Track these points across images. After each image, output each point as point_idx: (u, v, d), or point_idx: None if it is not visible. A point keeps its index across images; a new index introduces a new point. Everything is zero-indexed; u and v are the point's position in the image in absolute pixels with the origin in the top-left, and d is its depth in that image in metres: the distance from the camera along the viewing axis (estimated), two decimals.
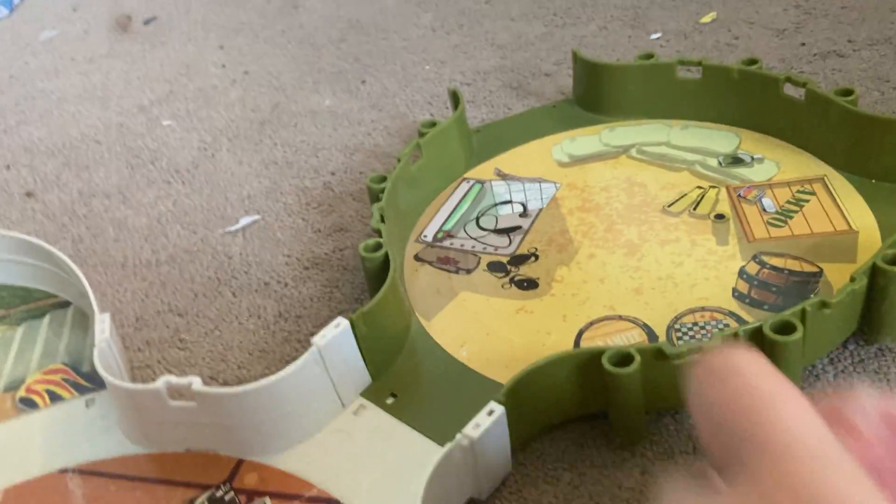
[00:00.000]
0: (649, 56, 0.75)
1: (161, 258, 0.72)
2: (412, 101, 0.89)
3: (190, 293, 0.67)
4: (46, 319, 0.66)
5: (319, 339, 0.51)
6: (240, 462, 0.51)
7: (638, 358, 0.45)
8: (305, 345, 0.59)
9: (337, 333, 0.51)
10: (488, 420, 0.44)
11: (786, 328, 0.45)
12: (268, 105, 0.93)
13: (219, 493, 0.49)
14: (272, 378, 0.50)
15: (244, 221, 0.75)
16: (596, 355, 0.46)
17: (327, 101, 0.92)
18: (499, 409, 0.44)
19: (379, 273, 0.57)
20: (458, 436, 0.43)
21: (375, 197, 0.64)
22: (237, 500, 0.49)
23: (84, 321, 0.65)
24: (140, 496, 0.50)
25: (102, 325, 0.56)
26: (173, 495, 0.50)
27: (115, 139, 0.91)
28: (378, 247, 0.58)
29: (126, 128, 0.93)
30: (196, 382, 0.50)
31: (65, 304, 0.67)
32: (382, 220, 0.61)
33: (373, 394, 0.54)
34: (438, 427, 0.50)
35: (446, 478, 0.43)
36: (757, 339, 0.46)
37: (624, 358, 0.45)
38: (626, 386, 0.45)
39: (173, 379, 0.50)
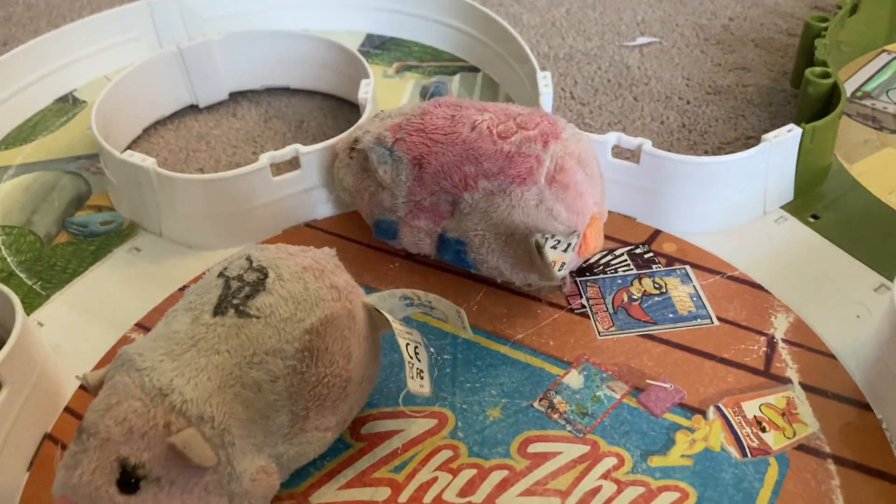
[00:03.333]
0: None
1: (559, 54, 0.75)
2: None
3: (590, 88, 0.69)
4: (457, 77, 0.70)
5: (772, 136, 0.51)
6: (657, 231, 0.53)
7: None
8: (715, 154, 0.60)
9: (788, 137, 0.52)
10: None
11: None
12: None
13: (638, 251, 0.52)
14: (721, 157, 0.51)
15: (641, 40, 0.76)
16: None
17: None
18: None
19: (819, 101, 0.56)
20: None
21: (816, 34, 0.62)
22: (657, 260, 0.51)
23: (493, 86, 0.68)
24: None
25: (545, 80, 0.59)
26: None
27: None
28: (825, 75, 0.57)
29: None
30: (647, 144, 0.51)
31: (473, 69, 0.71)
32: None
33: (793, 209, 0.54)
34: (865, 251, 0.50)
35: None
36: None
37: None
38: None
39: (623, 136, 0.52)
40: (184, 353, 0.35)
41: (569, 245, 0.42)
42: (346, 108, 0.67)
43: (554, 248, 0.42)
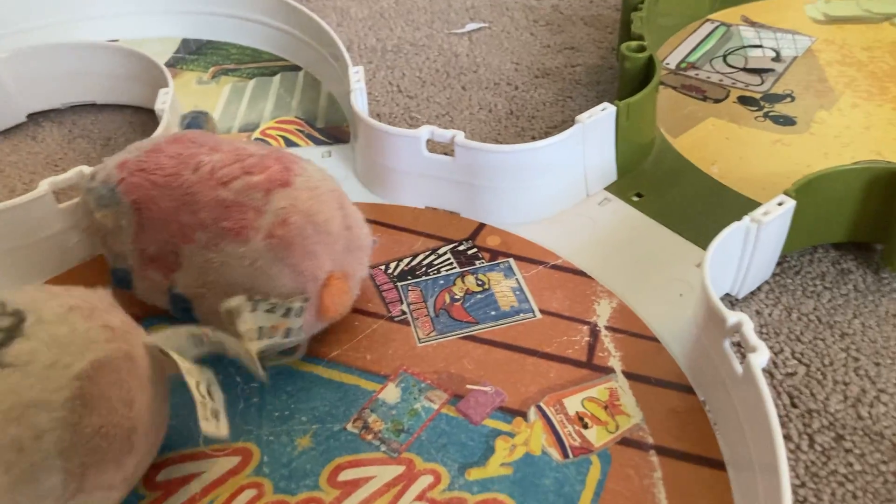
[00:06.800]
0: None
1: (387, 46, 0.72)
2: None
3: (418, 80, 0.67)
4: (277, 78, 0.66)
5: (585, 117, 0.50)
6: (482, 225, 0.51)
7: None
8: (542, 139, 0.58)
9: (602, 116, 0.50)
10: (778, 210, 0.42)
11: None
12: None
13: (462, 248, 0.49)
14: (534, 143, 0.49)
15: (471, 26, 0.74)
16: None
17: None
18: (789, 203, 0.42)
19: (637, 75, 0.55)
20: (745, 218, 0.42)
21: (633, 7, 0.61)
22: (480, 256, 0.49)
23: (315, 85, 0.65)
24: (380, 238, 0.50)
25: (357, 75, 0.56)
26: (414, 242, 0.50)
27: None
28: (641, 49, 0.56)
29: None
30: (460, 135, 0.49)
31: (294, 68, 0.67)
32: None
33: (617, 190, 0.52)
34: (687, 227, 0.49)
35: (718, 262, 0.42)
36: None
37: None
38: None
39: (437, 129, 0.50)
40: None
41: (289, 310, 0.37)
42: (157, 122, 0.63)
43: (270, 311, 0.37)
